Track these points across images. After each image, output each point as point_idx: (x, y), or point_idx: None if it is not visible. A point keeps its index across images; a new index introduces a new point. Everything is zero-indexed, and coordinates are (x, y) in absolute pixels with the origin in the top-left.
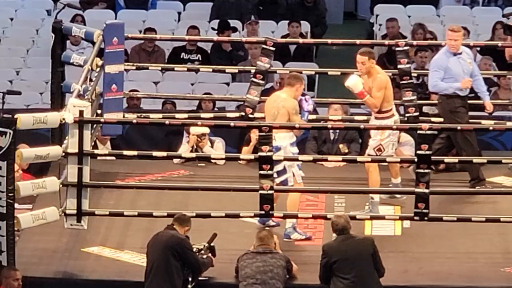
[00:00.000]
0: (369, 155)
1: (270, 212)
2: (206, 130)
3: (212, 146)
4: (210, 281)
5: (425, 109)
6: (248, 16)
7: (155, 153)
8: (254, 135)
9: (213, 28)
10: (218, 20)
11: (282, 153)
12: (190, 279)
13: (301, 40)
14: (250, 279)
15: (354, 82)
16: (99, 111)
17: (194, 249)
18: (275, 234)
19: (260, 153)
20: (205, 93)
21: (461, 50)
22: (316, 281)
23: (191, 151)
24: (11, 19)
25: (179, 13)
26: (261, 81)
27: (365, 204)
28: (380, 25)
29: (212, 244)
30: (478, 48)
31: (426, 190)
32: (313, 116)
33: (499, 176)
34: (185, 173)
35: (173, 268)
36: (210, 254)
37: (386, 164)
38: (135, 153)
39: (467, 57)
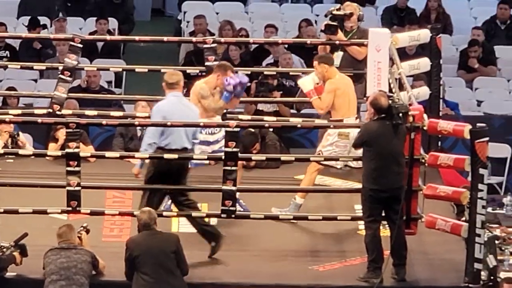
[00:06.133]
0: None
1: (77, 208)
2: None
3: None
4: (18, 278)
5: (260, 106)
6: (56, 13)
7: None
8: (62, 134)
9: (25, 25)
10: (26, 17)
11: None
12: None
13: (108, 37)
14: (54, 275)
15: (302, 80)
16: None
17: None
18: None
19: (68, 150)
20: (9, 88)
21: None
22: (123, 277)
23: (3, 147)
24: None
25: None
26: (68, 78)
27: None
28: (188, 22)
29: (21, 243)
30: (286, 46)
31: (233, 188)
32: (120, 113)
33: None
34: None
35: None
36: (16, 253)
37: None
38: None
39: None
